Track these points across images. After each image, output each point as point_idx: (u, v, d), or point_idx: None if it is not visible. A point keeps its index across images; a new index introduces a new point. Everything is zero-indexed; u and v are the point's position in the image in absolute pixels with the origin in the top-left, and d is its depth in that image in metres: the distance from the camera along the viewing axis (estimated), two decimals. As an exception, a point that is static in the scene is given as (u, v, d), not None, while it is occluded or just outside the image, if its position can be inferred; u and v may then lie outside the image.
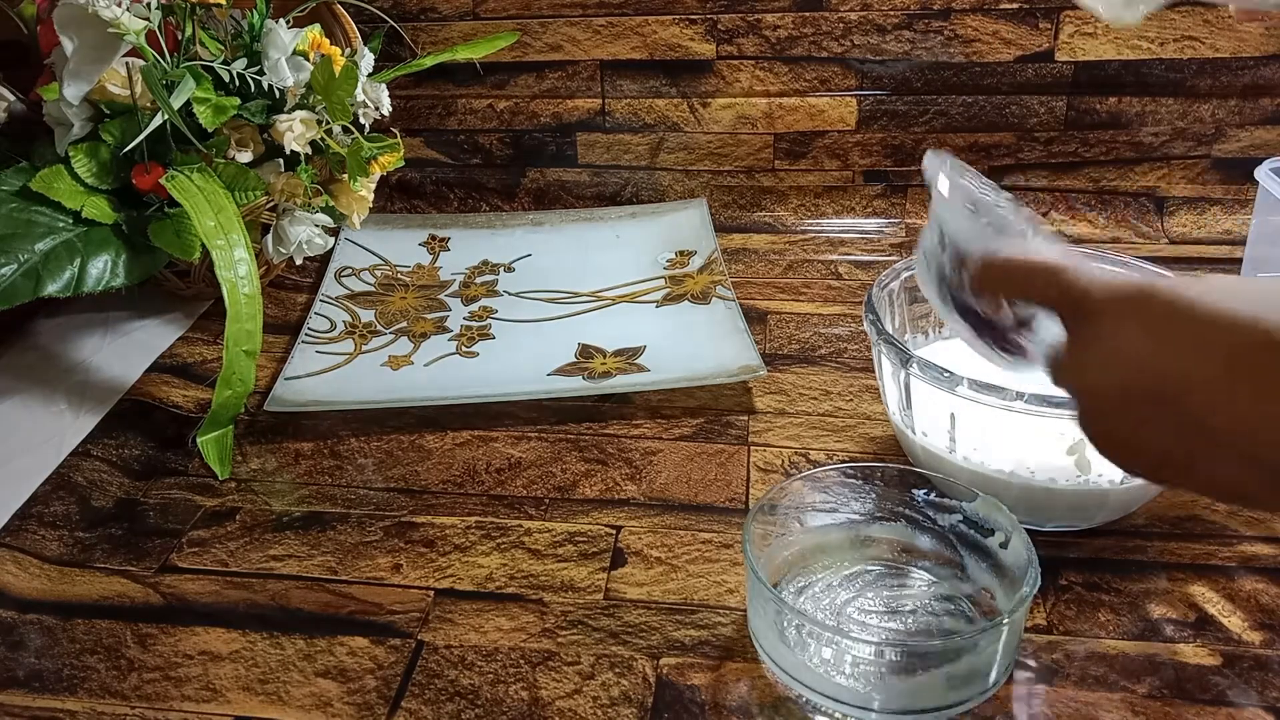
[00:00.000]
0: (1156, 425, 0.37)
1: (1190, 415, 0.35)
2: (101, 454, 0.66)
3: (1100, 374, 0.39)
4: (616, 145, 0.98)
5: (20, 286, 0.64)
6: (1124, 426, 0.38)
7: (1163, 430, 0.37)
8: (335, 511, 0.62)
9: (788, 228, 0.95)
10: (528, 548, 0.58)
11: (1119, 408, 0.38)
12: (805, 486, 0.54)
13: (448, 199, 1.00)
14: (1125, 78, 0.90)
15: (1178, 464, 0.37)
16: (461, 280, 0.87)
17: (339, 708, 0.49)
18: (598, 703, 0.48)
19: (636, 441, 0.67)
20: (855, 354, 0.75)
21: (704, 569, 0.56)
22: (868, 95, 0.93)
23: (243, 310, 0.64)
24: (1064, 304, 0.41)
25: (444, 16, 0.96)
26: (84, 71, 0.66)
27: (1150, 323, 0.37)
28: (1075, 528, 0.57)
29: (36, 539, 0.59)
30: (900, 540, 0.55)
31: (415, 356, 0.76)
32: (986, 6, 0.89)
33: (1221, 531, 0.57)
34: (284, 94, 0.73)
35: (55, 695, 0.50)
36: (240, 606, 0.55)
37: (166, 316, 0.82)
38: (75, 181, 0.69)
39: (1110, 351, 0.38)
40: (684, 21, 0.93)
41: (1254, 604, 0.52)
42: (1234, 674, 0.48)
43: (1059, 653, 0.50)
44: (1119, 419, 0.38)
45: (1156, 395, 0.36)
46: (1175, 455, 0.37)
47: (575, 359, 0.74)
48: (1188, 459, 0.36)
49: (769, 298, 0.83)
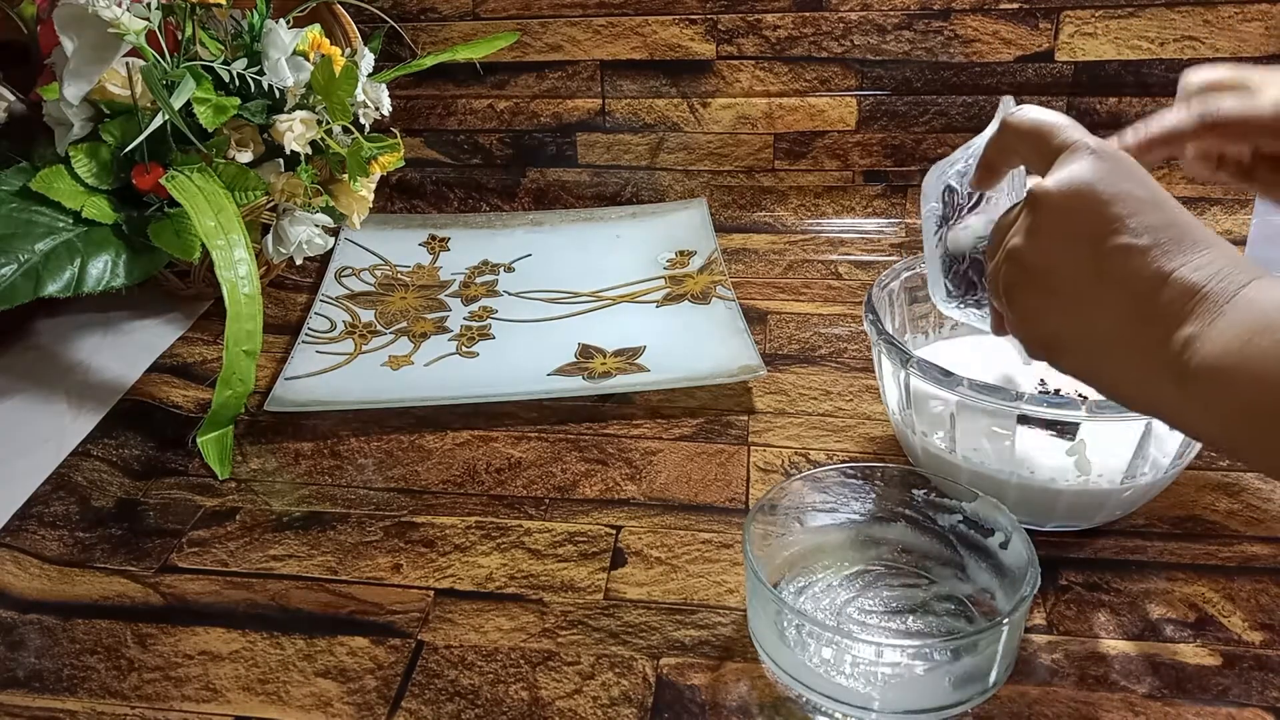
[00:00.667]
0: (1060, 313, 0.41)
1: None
2: (101, 454, 0.66)
3: (1033, 253, 0.41)
4: (616, 145, 0.98)
5: (20, 286, 0.64)
6: (1041, 301, 0.42)
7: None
8: (335, 511, 0.62)
9: (788, 228, 0.95)
10: (528, 548, 0.58)
11: (1043, 283, 0.41)
12: (805, 486, 0.54)
13: (448, 199, 1.00)
14: (1125, 78, 0.90)
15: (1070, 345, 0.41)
16: (461, 280, 0.87)
17: (339, 708, 0.49)
18: (598, 703, 0.48)
19: (636, 441, 0.67)
20: (855, 354, 0.75)
21: (704, 569, 0.56)
22: (868, 95, 0.93)
23: (243, 310, 0.64)
24: (1038, 170, 0.43)
25: (444, 16, 0.96)
26: (84, 71, 0.66)
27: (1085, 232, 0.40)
28: (1075, 528, 0.57)
29: (36, 539, 0.59)
30: (900, 540, 0.54)
31: (415, 356, 0.76)
32: (986, 6, 0.89)
33: (1221, 531, 0.57)
34: (284, 94, 0.73)
35: (55, 695, 0.50)
36: (240, 606, 0.55)
37: (166, 316, 0.82)
38: (75, 181, 0.69)
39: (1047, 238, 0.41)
40: (684, 21, 0.93)
41: (1254, 604, 0.52)
42: (1234, 674, 0.48)
43: (1059, 653, 0.50)
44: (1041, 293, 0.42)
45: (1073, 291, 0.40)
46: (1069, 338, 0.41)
47: (575, 359, 0.74)
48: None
49: (769, 298, 0.83)
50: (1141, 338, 0.38)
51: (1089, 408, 0.50)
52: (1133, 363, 0.39)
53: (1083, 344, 0.41)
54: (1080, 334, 0.41)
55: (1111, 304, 0.39)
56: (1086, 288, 0.40)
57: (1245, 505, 0.59)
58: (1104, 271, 0.39)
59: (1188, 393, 0.37)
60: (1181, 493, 0.59)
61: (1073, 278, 0.40)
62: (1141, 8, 0.87)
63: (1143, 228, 0.38)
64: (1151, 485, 0.55)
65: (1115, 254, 0.38)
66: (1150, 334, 0.38)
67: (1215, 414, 0.37)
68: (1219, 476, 0.61)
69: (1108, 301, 0.39)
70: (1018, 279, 0.42)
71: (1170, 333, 0.37)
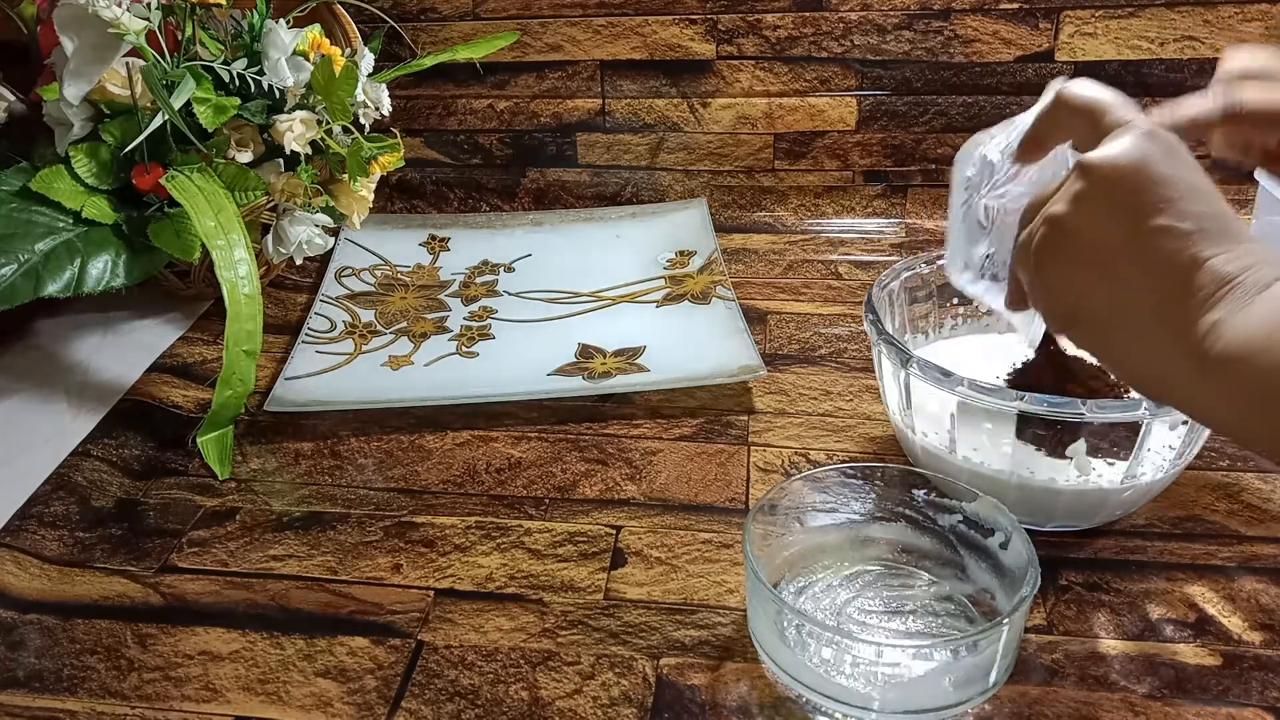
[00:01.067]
0: (1098, 289, 0.41)
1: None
2: (101, 454, 0.66)
3: (1080, 223, 0.41)
4: (616, 145, 0.98)
5: (20, 286, 0.64)
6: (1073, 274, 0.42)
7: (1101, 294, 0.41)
8: (335, 511, 0.62)
9: (788, 228, 0.95)
10: (528, 548, 0.58)
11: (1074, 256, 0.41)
12: (805, 486, 0.54)
13: (448, 199, 1.00)
14: (1125, 78, 0.90)
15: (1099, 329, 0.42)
16: (461, 280, 0.87)
17: (339, 708, 0.49)
18: (598, 703, 0.48)
19: (636, 441, 0.67)
20: (855, 354, 0.75)
21: (704, 569, 0.56)
22: (868, 95, 0.93)
23: (243, 310, 0.64)
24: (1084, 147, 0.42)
25: (444, 16, 0.96)
26: (84, 71, 0.66)
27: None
28: (1075, 528, 0.57)
29: (36, 539, 0.59)
30: (900, 540, 0.54)
31: (415, 356, 0.76)
32: (986, 6, 0.89)
33: (1221, 531, 0.57)
34: (284, 94, 0.73)
35: (55, 695, 0.50)
36: (240, 606, 0.55)
37: (166, 316, 0.82)
38: (75, 181, 0.69)
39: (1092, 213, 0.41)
40: (684, 21, 0.93)
41: (1254, 604, 0.52)
42: (1234, 674, 0.48)
43: (1059, 653, 0.50)
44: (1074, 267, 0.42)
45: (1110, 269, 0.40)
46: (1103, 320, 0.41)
47: (575, 359, 0.74)
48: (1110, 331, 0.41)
49: (769, 298, 0.83)
50: (1168, 318, 0.38)
51: (1089, 408, 0.50)
52: (1155, 342, 0.39)
53: (1107, 318, 0.41)
54: (1106, 308, 0.41)
55: (1143, 281, 0.39)
56: (1121, 262, 0.40)
57: (1245, 505, 0.59)
58: (1141, 248, 0.39)
59: (1207, 376, 0.37)
60: (1181, 493, 0.59)
61: (1108, 250, 0.40)
62: (1141, 8, 0.87)
63: (1187, 213, 0.38)
64: (1151, 485, 0.55)
65: (1156, 234, 0.38)
66: (1177, 315, 0.38)
67: (1233, 399, 0.37)
68: (1219, 476, 0.61)
69: (1139, 278, 0.39)
70: (1052, 245, 0.42)
71: (1197, 316, 0.37)
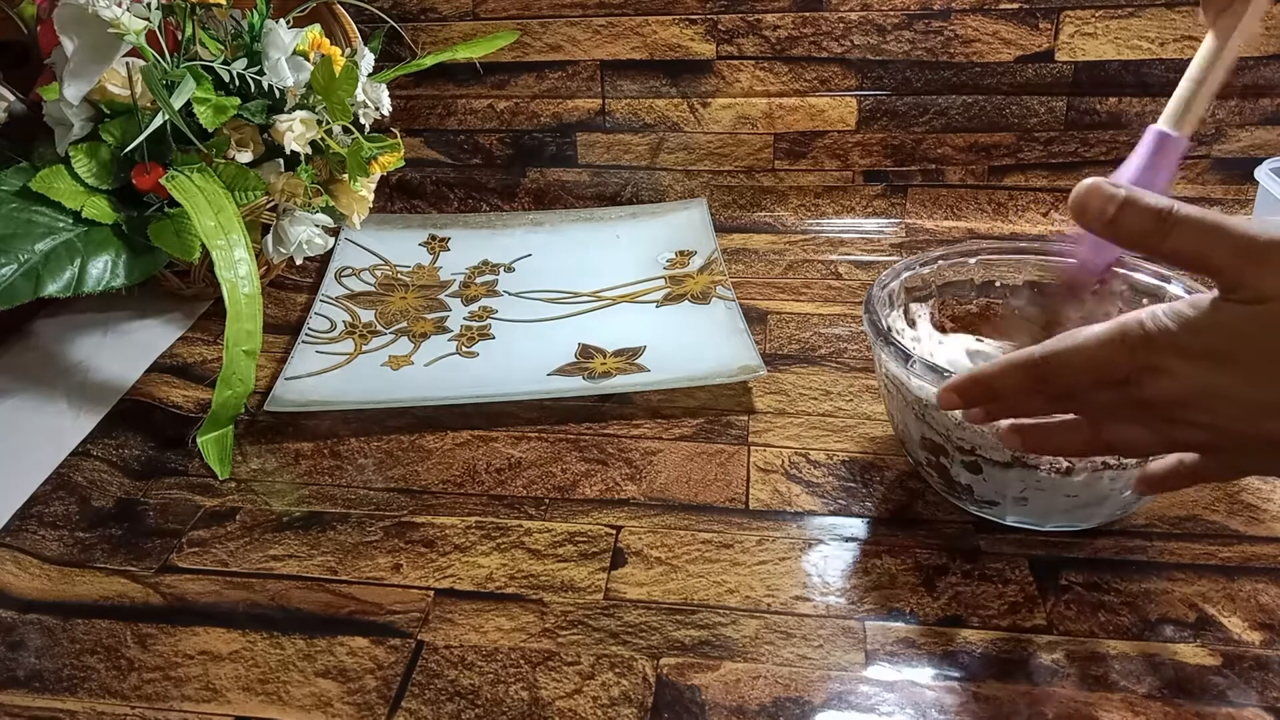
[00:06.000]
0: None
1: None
2: (101, 454, 0.66)
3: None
4: (616, 145, 0.98)
5: (20, 286, 0.64)
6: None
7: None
8: (335, 511, 0.62)
9: (788, 228, 0.95)
10: (528, 548, 0.58)
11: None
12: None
13: (448, 199, 1.00)
14: (1125, 78, 0.90)
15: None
16: (461, 280, 0.87)
17: (339, 708, 0.49)
18: (598, 703, 0.48)
19: (636, 441, 0.67)
20: (855, 354, 0.75)
21: (704, 569, 0.56)
22: (868, 95, 0.93)
23: (243, 310, 0.64)
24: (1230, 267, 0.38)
25: (444, 16, 0.96)
26: (84, 71, 0.66)
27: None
28: (1075, 528, 0.57)
29: (36, 539, 0.59)
30: None
31: (415, 356, 0.76)
32: (986, 6, 0.89)
33: (1221, 531, 0.57)
34: (284, 94, 0.73)
35: (55, 695, 0.50)
36: (240, 606, 0.55)
37: (166, 316, 0.82)
38: (75, 181, 0.69)
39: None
40: (684, 21, 0.93)
41: (1254, 604, 0.52)
42: (1234, 674, 0.48)
43: (1059, 653, 0.50)
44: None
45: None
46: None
47: (575, 359, 0.74)
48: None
49: (769, 298, 0.83)
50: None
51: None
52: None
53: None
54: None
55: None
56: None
57: (1245, 505, 0.59)
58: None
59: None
60: (1181, 493, 0.59)
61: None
62: (1141, 8, 0.87)
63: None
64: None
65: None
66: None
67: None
68: (1219, 476, 0.61)
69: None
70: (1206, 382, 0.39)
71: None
